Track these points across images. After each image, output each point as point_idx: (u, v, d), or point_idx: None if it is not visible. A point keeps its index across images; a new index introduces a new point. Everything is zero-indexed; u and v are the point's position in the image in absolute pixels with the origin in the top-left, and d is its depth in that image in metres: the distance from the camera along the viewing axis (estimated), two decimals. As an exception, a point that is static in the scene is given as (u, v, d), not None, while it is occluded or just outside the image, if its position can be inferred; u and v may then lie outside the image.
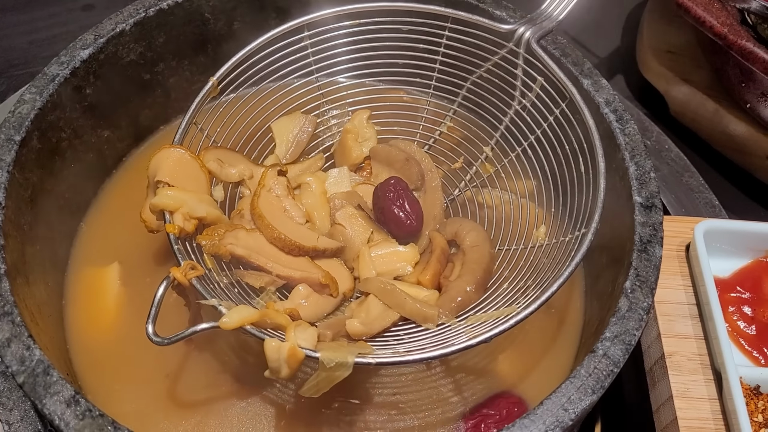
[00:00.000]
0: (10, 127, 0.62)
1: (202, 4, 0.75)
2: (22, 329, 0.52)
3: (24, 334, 0.52)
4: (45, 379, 0.50)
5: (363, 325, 0.60)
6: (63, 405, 0.49)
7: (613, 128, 0.67)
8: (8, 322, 0.52)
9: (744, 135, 0.88)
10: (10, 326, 0.52)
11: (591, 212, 0.61)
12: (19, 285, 0.57)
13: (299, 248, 0.64)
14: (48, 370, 0.50)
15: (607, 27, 1.09)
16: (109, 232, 0.75)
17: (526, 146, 0.72)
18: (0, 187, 0.59)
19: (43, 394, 0.50)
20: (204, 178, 0.65)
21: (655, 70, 0.96)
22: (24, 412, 0.58)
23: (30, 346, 0.51)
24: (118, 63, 0.72)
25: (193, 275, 0.57)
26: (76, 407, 0.49)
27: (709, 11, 0.79)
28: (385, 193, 0.68)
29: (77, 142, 0.71)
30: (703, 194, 0.84)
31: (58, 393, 0.50)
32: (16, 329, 0.52)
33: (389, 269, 0.67)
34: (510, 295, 0.62)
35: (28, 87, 0.64)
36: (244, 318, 0.55)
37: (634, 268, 0.60)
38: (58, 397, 0.49)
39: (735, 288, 0.73)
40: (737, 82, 0.84)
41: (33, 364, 0.51)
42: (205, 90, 0.68)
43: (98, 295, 0.70)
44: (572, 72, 0.71)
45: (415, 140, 0.78)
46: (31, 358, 0.51)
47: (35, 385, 0.50)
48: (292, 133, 0.76)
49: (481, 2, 0.76)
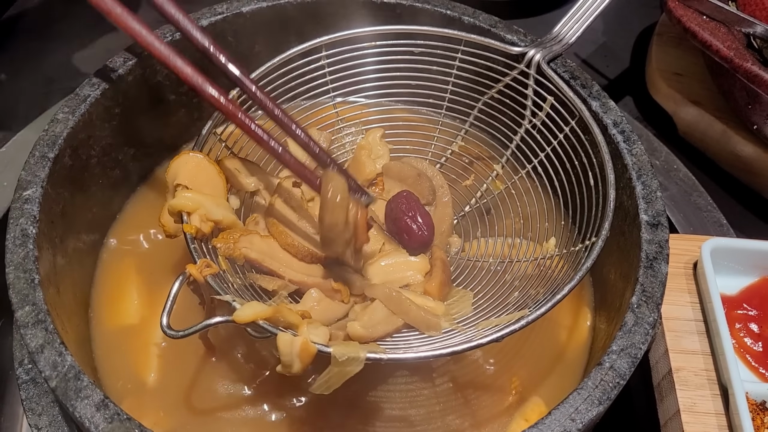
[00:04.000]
0: (44, 144, 0.65)
1: (225, 28, 0.78)
2: (54, 336, 0.55)
3: (56, 341, 0.54)
4: (76, 384, 0.52)
5: (364, 328, 0.61)
6: (93, 409, 0.51)
7: (621, 149, 0.69)
8: (42, 329, 0.55)
9: (751, 155, 0.89)
10: (43, 333, 0.55)
11: (601, 221, 0.63)
12: (51, 295, 0.59)
13: (312, 255, 0.66)
14: (79, 375, 0.53)
15: (616, 50, 1.11)
16: (133, 244, 0.77)
17: (536, 163, 0.74)
18: (35, 202, 0.61)
19: (75, 398, 0.52)
20: (221, 185, 0.67)
21: (663, 91, 0.97)
22: (52, 418, 0.61)
23: (62, 352, 0.54)
24: (146, 84, 0.75)
25: (208, 272, 0.59)
26: (105, 411, 0.51)
27: (715, 35, 0.81)
28: (398, 205, 0.70)
29: (105, 159, 0.74)
30: (711, 213, 0.86)
31: (89, 397, 0.52)
32: (49, 336, 0.55)
33: (399, 277, 0.68)
34: (521, 302, 0.64)
35: (61, 107, 0.67)
36: (257, 313, 0.56)
37: (640, 284, 0.61)
38: (88, 401, 0.52)
39: (742, 305, 0.74)
40: (744, 104, 0.85)
41: (65, 369, 0.53)
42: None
43: (122, 305, 0.73)
44: (581, 94, 0.73)
45: (427, 158, 0.80)
46: (63, 364, 0.53)
47: (67, 389, 0.52)
48: (308, 148, 0.79)
49: (493, 26, 0.79)
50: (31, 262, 0.58)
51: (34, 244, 0.59)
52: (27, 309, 0.56)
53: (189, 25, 0.67)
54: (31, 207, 0.61)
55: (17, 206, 0.61)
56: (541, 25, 1.13)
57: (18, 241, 0.59)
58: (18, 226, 0.60)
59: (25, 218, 0.61)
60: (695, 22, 0.83)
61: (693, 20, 0.83)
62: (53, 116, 0.67)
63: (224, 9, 0.78)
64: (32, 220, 0.61)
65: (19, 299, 0.56)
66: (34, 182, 0.63)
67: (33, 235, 0.60)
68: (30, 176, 0.63)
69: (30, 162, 0.64)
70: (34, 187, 0.62)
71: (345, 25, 0.77)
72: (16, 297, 0.56)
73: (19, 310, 0.56)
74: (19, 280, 0.57)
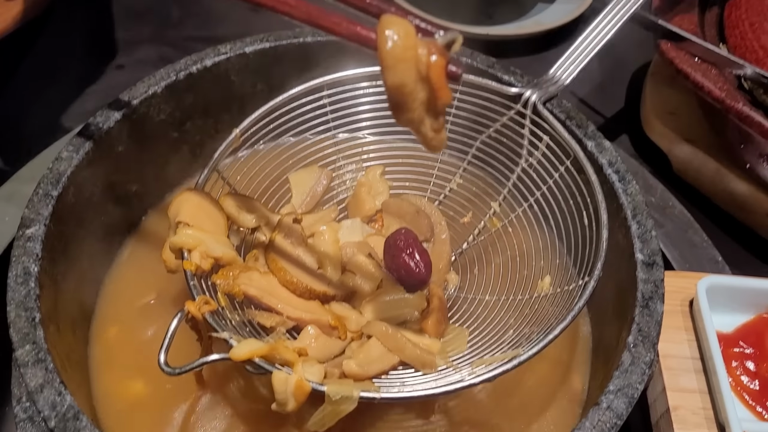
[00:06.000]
0: (48, 182, 0.66)
1: (229, 68, 0.80)
2: (54, 375, 0.55)
3: (56, 380, 0.55)
4: (75, 424, 0.52)
5: (359, 366, 0.62)
6: (91, 449, 0.51)
7: (616, 188, 0.70)
8: (42, 368, 0.55)
9: (745, 193, 0.90)
10: (43, 372, 0.55)
11: (594, 262, 0.64)
12: (51, 333, 0.60)
13: (310, 292, 0.67)
14: (78, 416, 0.53)
15: (612, 88, 1.13)
16: (133, 280, 0.78)
17: (532, 201, 0.75)
18: (38, 240, 0.62)
19: (73, 438, 0.52)
20: (222, 222, 0.68)
21: (658, 130, 0.99)
22: (50, 457, 0.61)
23: (61, 392, 0.54)
24: (149, 122, 0.76)
25: (207, 309, 0.60)
26: (103, 451, 0.51)
27: (707, 77, 0.83)
28: (397, 242, 0.71)
29: (108, 195, 0.74)
30: (706, 250, 0.86)
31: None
32: (49, 375, 0.55)
33: (396, 314, 0.69)
34: (515, 341, 0.64)
35: (66, 145, 0.68)
36: (253, 350, 0.57)
37: (636, 324, 0.62)
38: (87, 441, 0.52)
39: (738, 343, 0.74)
40: (737, 144, 0.87)
41: (64, 409, 0.53)
42: (228, 140, 0.72)
43: (120, 342, 0.73)
44: (576, 134, 0.74)
45: (426, 195, 0.81)
46: (63, 404, 0.53)
47: (65, 429, 0.52)
48: (309, 185, 0.80)
49: (491, 67, 0.81)
50: (32, 300, 0.59)
51: (36, 282, 0.60)
52: (27, 348, 0.56)
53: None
54: (33, 245, 0.62)
55: (20, 244, 0.62)
56: (536, 63, 1.15)
57: (20, 279, 0.60)
58: (20, 264, 0.61)
59: (27, 256, 0.61)
60: (687, 64, 0.85)
61: (685, 62, 0.85)
62: (58, 154, 0.68)
63: (227, 49, 0.80)
64: (35, 258, 0.61)
65: (20, 338, 0.56)
66: (37, 220, 0.63)
67: (35, 273, 0.60)
68: (33, 214, 0.64)
69: (33, 200, 0.65)
70: (37, 225, 0.63)
71: (345, 64, 0.79)
72: (17, 336, 0.57)
73: (20, 348, 0.56)
74: (20, 318, 0.58)
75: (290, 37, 0.82)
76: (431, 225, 0.77)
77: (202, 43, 0.81)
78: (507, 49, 1.16)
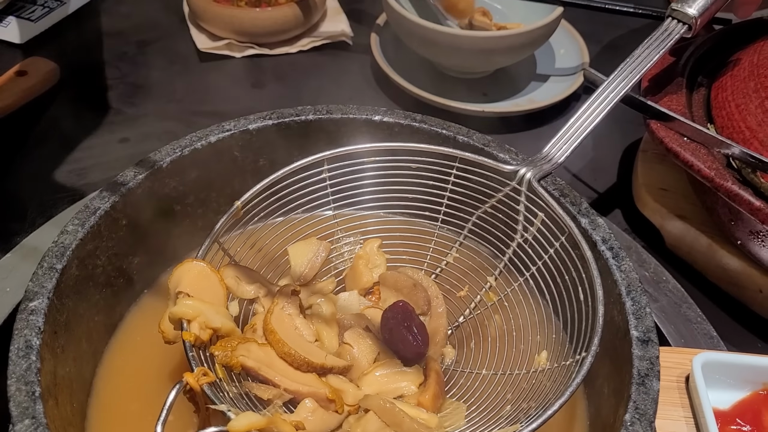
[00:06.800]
0: (52, 256, 0.67)
1: (232, 144, 0.83)
2: (51, 451, 0.55)
3: (53, 456, 0.54)
4: (70, 501, 0.52)
5: None
6: None
7: (610, 265, 0.72)
8: (39, 443, 0.55)
9: (737, 269, 0.92)
10: (40, 448, 0.55)
11: (591, 337, 0.64)
12: (50, 407, 0.60)
13: (308, 364, 0.67)
14: (73, 492, 0.52)
15: (604, 166, 1.16)
16: (132, 352, 0.78)
17: (528, 276, 0.76)
18: (40, 313, 0.63)
19: None
20: (222, 293, 0.69)
21: (650, 206, 1.01)
22: None
23: (58, 467, 0.54)
24: (153, 196, 0.78)
25: (205, 381, 0.60)
26: None
27: (696, 155, 0.85)
28: (394, 315, 0.72)
29: (110, 268, 0.76)
30: (701, 325, 0.87)
31: None
32: (46, 451, 0.55)
33: (393, 388, 0.69)
34: (512, 416, 0.64)
35: (72, 219, 0.70)
36: (251, 423, 0.57)
37: (633, 401, 0.62)
38: None
39: (735, 420, 0.74)
40: (727, 220, 0.89)
41: (60, 485, 0.53)
42: (230, 212, 0.73)
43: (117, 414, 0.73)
44: (570, 211, 0.76)
45: (423, 269, 0.82)
46: (59, 480, 0.53)
47: (60, 507, 0.52)
48: (307, 257, 0.81)
49: (486, 145, 0.84)
50: (33, 374, 0.59)
51: (37, 355, 0.60)
52: (27, 422, 0.56)
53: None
54: (36, 318, 0.63)
55: (23, 317, 0.63)
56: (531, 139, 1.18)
57: (21, 352, 0.60)
58: (22, 337, 0.61)
59: (29, 329, 0.62)
60: (677, 143, 0.87)
61: (675, 141, 0.88)
62: (63, 228, 0.70)
63: (231, 126, 0.83)
64: (37, 331, 0.62)
65: (19, 412, 0.56)
66: (40, 293, 0.64)
67: (36, 347, 0.61)
68: (37, 287, 0.65)
69: (38, 273, 0.66)
70: (40, 299, 0.64)
71: (346, 141, 0.82)
72: (16, 410, 0.57)
73: (18, 423, 0.56)
74: (20, 392, 0.58)
75: (293, 114, 0.85)
76: (428, 298, 0.77)
77: (205, 117, 0.84)
78: (501, 125, 1.19)
